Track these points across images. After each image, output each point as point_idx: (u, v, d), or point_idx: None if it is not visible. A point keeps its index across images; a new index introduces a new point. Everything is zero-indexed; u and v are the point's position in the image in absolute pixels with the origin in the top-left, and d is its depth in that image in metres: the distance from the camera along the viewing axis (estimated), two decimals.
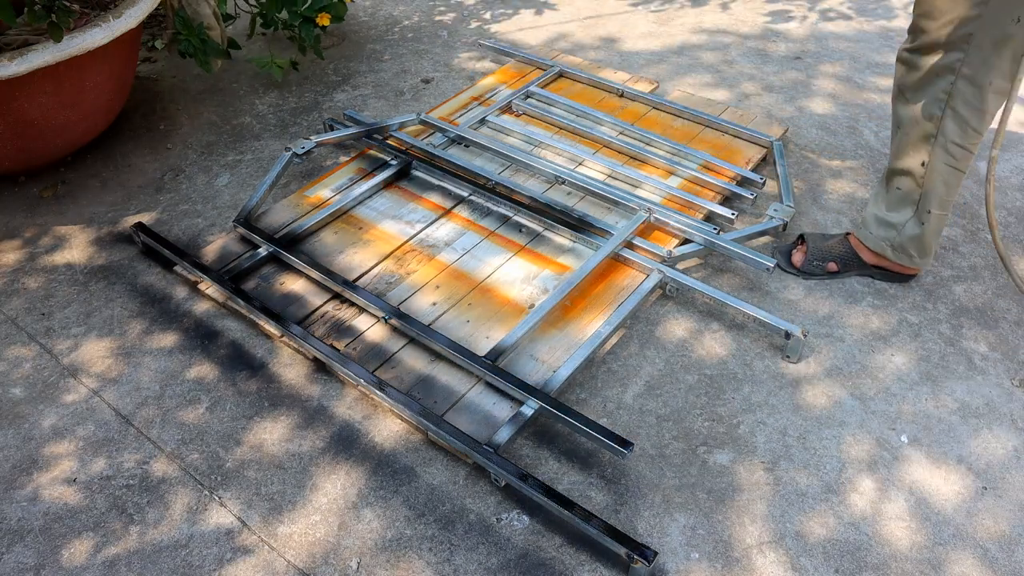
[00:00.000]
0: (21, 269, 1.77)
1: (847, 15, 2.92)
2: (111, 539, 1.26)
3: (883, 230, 1.62)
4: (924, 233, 1.57)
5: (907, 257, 1.62)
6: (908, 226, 1.58)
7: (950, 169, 1.47)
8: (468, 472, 1.35)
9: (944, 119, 1.42)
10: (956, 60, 1.35)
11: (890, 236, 1.61)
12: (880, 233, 1.62)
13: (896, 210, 1.59)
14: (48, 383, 1.51)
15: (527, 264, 1.73)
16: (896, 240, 1.61)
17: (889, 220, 1.60)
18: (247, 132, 2.24)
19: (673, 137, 2.13)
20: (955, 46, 1.35)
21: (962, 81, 1.37)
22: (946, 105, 1.40)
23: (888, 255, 1.63)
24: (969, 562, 1.23)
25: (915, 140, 1.48)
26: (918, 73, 1.42)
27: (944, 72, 1.38)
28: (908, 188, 1.54)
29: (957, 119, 1.41)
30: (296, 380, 1.51)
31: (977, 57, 1.33)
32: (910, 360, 1.55)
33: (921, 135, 1.46)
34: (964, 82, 1.37)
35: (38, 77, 1.73)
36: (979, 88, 1.36)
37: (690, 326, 1.62)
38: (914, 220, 1.56)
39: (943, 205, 1.53)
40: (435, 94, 2.41)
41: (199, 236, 1.85)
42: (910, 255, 1.62)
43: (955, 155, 1.45)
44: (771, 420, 1.44)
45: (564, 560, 1.22)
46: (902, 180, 1.55)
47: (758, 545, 1.25)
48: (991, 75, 1.34)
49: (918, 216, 1.56)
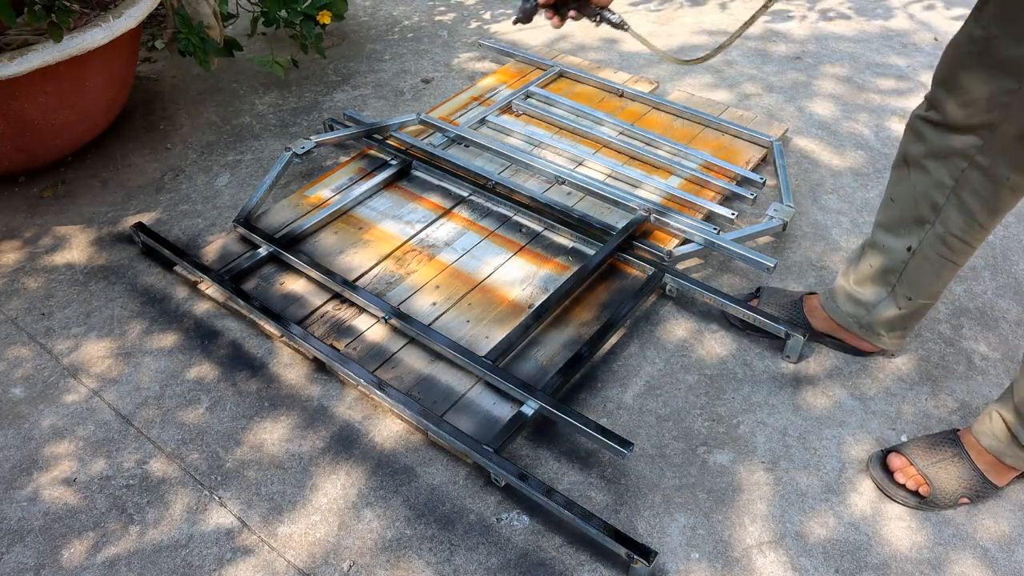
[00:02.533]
0: (21, 269, 1.77)
1: (847, 15, 2.92)
2: (111, 539, 1.26)
3: (851, 306, 1.45)
4: (899, 316, 1.40)
5: (875, 336, 1.46)
6: (880, 307, 1.41)
7: (944, 261, 1.29)
8: (468, 472, 1.35)
9: (947, 207, 1.23)
10: (972, 146, 1.15)
11: (859, 314, 1.45)
12: (848, 309, 1.46)
13: (866, 287, 1.41)
14: (48, 383, 1.51)
15: (527, 264, 1.73)
16: (865, 319, 1.45)
17: (859, 298, 1.43)
18: (247, 132, 2.24)
19: (673, 137, 2.13)
20: (974, 130, 1.14)
21: (975, 171, 1.17)
22: (952, 192, 1.21)
23: (856, 332, 1.48)
24: (969, 562, 1.23)
25: (907, 220, 1.29)
26: (925, 147, 1.22)
27: (955, 156, 1.18)
28: (883, 268, 1.37)
29: (963, 210, 1.22)
30: (296, 380, 1.51)
31: (997, 148, 1.13)
32: (910, 360, 1.55)
33: (914, 217, 1.28)
34: (977, 172, 1.17)
35: (38, 77, 1.73)
36: (994, 183, 1.17)
37: (690, 326, 1.62)
38: (888, 301, 1.39)
39: (931, 296, 1.36)
40: (435, 94, 2.41)
41: (199, 236, 1.85)
42: (878, 335, 1.46)
43: (953, 248, 1.27)
44: (771, 420, 1.44)
45: (564, 560, 1.22)
46: (878, 259, 1.37)
47: (758, 545, 1.25)
48: (1010, 171, 1.15)
49: (893, 299, 1.38)
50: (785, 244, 1.83)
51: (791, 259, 1.79)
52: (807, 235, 1.86)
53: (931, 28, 2.82)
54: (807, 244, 1.83)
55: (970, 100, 1.13)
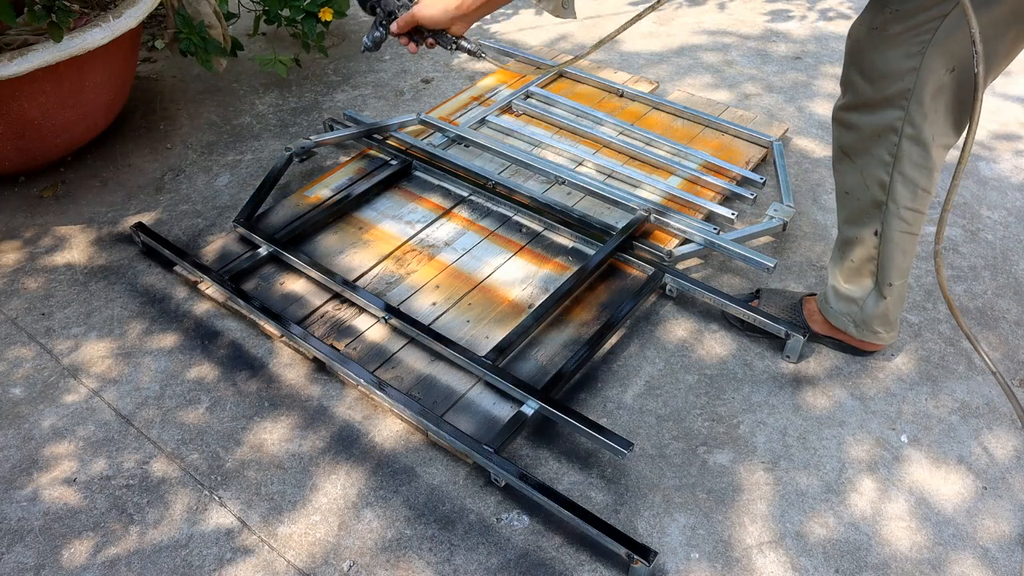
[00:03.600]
0: (21, 269, 1.77)
1: (847, 15, 2.92)
2: (111, 539, 1.26)
3: (844, 305, 1.47)
4: (888, 308, 1.44)
5: (872, 334, 1.48)
6: (870, 301, 1.44)
7: (905, 235, 1.34)
8: (468, 472, 1.35)
9: (893, 184, 1.28)
10: (896, 119, 1.21)
11: (852, 312, 1.47)
12: (841, 308, 1.48)
13: (853, 282, 1.44)
14: (48, 383, 1.51)
15: (527, 264, 1.73)
16: (859, 316, 1.47)
17: (849, 295, 1.46)
18: (247, 132, 2.24)
19: (673, 137, 2.13)
20: (893, 103, 1.20)
21: (907, 141, 1.22)
22: (893, 168, 1.26)
23: (852, 332, 1.49)
24: (969, 562, 1.23)
25: (865, 207, 1.34)
26: (857, 134, 1.27)
27: (886, 132, 1.23)
28: (862, 259, 1.40)
29: (906, 182, 1.27)
30: (296, 380, 1.51)
31: (918, 113, 1.19)
32: (910, 360, 1.55)
33: (871, 202, 1.32)
34: (909, 142, 1.22)
35: (38, 77, 1.73)
36: (925, 146, 1.22)
37: (690, 326, 1.62)
38: (875, 293, 1.43)
39: (903, 273, 1.40)
40: (435, 94, 2.41)
41: (199, 236, 1.85)
42: (875, 331, 1.48)
43: (908, 220, 1.32)
44: (771, 420, 1.44)
45: (564, 560, 1.22)
46: (855, 251, 1.41)
47: (758, 545, 1.25)
48: (934, 130, 1.21)
49: (878, 289, 1.42)
50: (785, 244, 1.83)
51: (791, 259, 1.79)
52: (807, 235, 1.86)
53: None
54: (807, 244, 1.83)
55: (880, 74, 1.19)
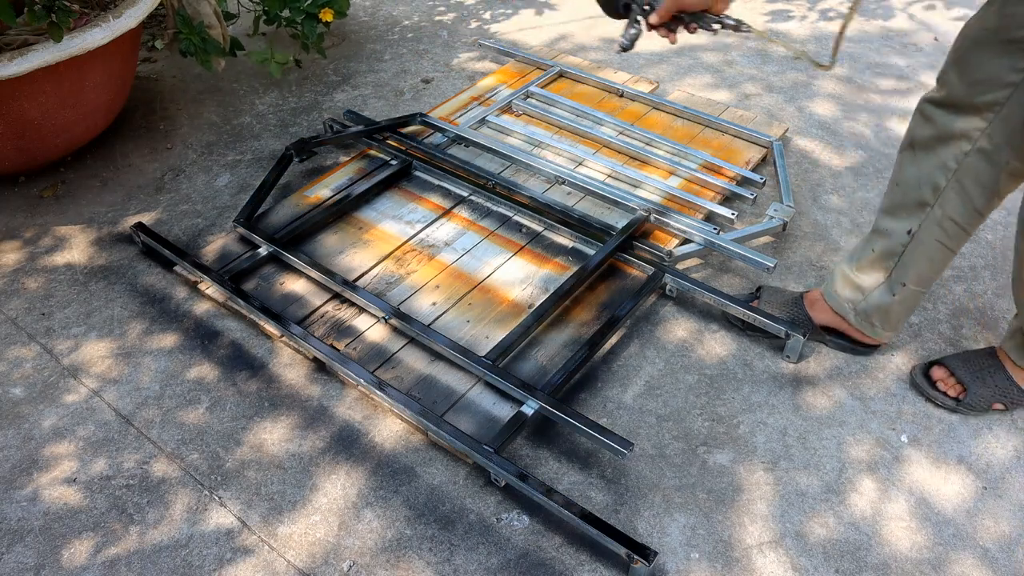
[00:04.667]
0: (21, 269, 1.77)
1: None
2: (111, 539, 1.26)
3: (849, 291, 1.46)
4: (892, 305, 1.41)
5: (869, 326, 1.46)
6: (876, 293, 1.41)
7: (940, 246, 1.30)
8: (468, 472, 1.35)
9: (947, 191, 1.23)
10: (977, 128, 1.16)
11: (855, 299, 1.45)
12: (845, 293, 1.46)
13: (866, 272, 1.42)
14: (48, 383, 1.51)
15: (527, 264, 1.73)
16: (860, 305, 1.45)
17: (856, 281, 1.44)
18: (247, 132, 2.24)
19: (673, 137, 2.13)
20: (980, 111, 1.15)
21: (977, 154, 1.18)
22: (953, 176, 1.22)
23: (850, 319, 1.47)
24: (969, 562, 1.23)
25: (909, 203, 1.30)
26: (932, 129, 1.23)
27: (960, 138, 1.19)
28: (884, 252, 1.37)
29: (961, 194, 1.23)
30: (296, 380, 1.51)
31: (1000, 131, 1.14)
32: (910, 360, 1.55)
33: (916, 201, 1.29)
34: (978, 156, 1.18)
35: (38, 77, 1.73)
36: (994, 166, 1.17)
37: (690, 326, 1.62)
38: (884, 288, 1.40)
39: (923, 282, 1.37)
40: (435, 94, 2.41)
41: (199, 236, 1.85)
42: (872, 324, 1.46)
43: (949, 232, 1.28)
44: (771, 420, 1.44)
45: (564, 560, 1.22)
46: (880, 242, 1.38)
47: (758, 545, 1.25)
48: (1011, 155, 1.15)
49: (889, 285, 1.39)
50: (785, 244, 1.83)
51: (791, 259, 1.79)
52: (807, 235, 1.86)
53: (931, 28, 2.82)
54: (807, 244, 1.83)
55: (979, 79, 1.13)
